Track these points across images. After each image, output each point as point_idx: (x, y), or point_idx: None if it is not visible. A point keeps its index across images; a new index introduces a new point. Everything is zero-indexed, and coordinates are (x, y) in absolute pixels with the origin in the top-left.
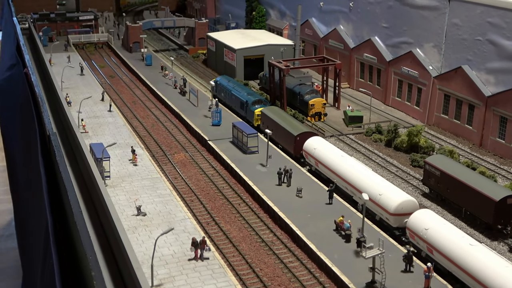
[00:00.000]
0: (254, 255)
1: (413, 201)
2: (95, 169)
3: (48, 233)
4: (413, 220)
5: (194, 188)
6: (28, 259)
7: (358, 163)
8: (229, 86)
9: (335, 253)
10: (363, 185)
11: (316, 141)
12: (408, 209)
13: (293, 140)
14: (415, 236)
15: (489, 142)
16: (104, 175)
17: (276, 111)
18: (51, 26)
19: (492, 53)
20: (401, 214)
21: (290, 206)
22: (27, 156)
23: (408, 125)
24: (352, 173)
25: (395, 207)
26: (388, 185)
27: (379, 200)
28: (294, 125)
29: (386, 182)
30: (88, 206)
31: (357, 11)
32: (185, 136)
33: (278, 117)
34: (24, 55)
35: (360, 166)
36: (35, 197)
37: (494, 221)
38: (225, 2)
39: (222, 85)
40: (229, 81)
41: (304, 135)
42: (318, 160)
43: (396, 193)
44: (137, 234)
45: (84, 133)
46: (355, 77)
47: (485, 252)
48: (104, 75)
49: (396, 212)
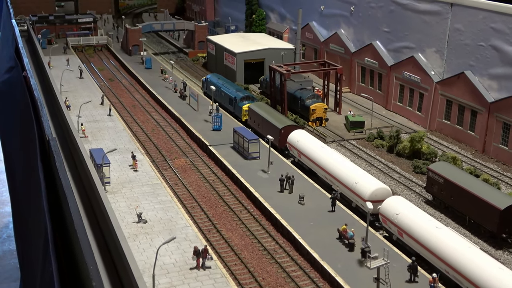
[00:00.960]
0: (256, 263)
1: (386, 188)
2: (95, 176)
3: (47, 240)
4: (385, 206)
5: (195, 195)
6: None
7: (337, 154)
8: (219, 83)
9: (338, 262)
10: (340, 174)
11: (299, 134)
12: (382, 196)
13: (278, 133)
14: (387, 221)
15: (492, 148)
16: (104, 181)
17: (263, 106)
18: (50, 28)
19: (495, 59)
20: (375, 200)
21: (292, 214)
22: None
23: (410, 130)
24: (330, 163)
25: (369, 194)
26: (363, 173)
27: (355, 188)
28: (279, 119)
29: (361, 170)
30: (88, 213)
31: (358, 15)
32: (186, 141)
33: (264, 112)
34: (22, 58)
35: (338, 156)
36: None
37: (499, 229)
38: (224, 5)
39: (212, 82)
40: (218, 79)
41: (288, 128)
42: (300, 151)
43: (370, 181)
44: (138, 242)
45: (84, 138)
46: (356, 81)
47: (450, 234)
48: (104, 78)
49: (370, 199)
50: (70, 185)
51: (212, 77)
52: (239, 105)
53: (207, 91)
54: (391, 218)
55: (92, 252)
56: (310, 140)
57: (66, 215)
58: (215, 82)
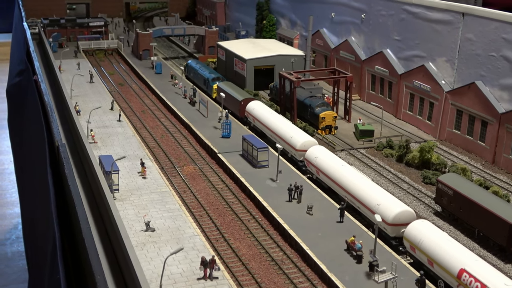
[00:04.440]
0: (264, 274)
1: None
2: (104, 184)
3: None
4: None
5: (203, 203)
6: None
7: (279, 116)
8: (196, 67)
9: (346, 274)
10: (281, 132)
11: (254, 104)
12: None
13: (238, 104)
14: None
15: (502, 159)
16: (113, 188)
17: (228, 84)
18: (61, 32)
19: (506, 70)
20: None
21: (300, 224)
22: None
23: (419, 139)
24: (276, 124)
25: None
26: (296, 130)
27: (290, 141)
28: (241, 92)
29: (296, 129)
30: (96, 221)
31: (368, 23)
32: (195, 148)
33: (229, 88)
34: (33, 61)
35: (279, 118)
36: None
37: (508, 243)
38: (235, 10)
39: (191, 67)
40: (197, 64)
41: (246, 100)
42: (255, 117)
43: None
44: (145, 251)
45: (93, 144)
46: (366, 89)
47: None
48: (114, 82)
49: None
50: (79, 193)
51: (191, 62)
52: (210, 84)
53: (187, 74)
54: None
55: (99, 262)
56: (263, 108)
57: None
58: (194, 66)
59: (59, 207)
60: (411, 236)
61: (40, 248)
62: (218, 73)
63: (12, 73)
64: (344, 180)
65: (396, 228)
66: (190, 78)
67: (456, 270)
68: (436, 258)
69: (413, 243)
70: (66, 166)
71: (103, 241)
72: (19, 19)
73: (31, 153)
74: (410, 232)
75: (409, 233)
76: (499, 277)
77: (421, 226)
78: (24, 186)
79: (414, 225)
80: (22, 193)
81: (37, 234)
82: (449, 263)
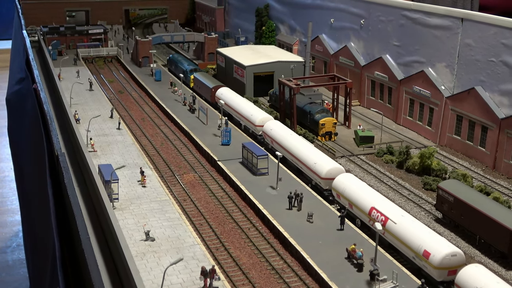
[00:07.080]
0: (264, 283)
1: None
2: (104, 193)
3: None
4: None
5: (203, 211)
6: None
7: (241, 99)
8: (177, 60)
9: (347, 283)
10: (242, 111)
11: (223, 90)
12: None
13: (210, 91)
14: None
15: (503, 165)
16: (113, 197)
17: (203, 74)
18: (60, 39)
19: (506, 75)
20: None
21: (301, 232)
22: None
23: (419, 145)
24: (240, 104)
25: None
26: (255, 109)
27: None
28: (212, 80)
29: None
30: (96, 231)
31: (368, 29)
32: (194, 156)
33: (204, 77)
34: (33, 70)
35: (242, 100)
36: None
37: (510, 250)
38: (234, 16)
39: (173, 60)
40: (178, 57)
41: (217, 87)
42: (226, 102)
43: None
44: (145, 261)
45: (93, 152)
46: (366, 95)
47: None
48: (113, 90)
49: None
50: (78, 203)
51: (173, 56)
52: (188, 75)
53: (170, 67)
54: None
55: (99, 273)
56: (230, 93)
57: (74, 234)
58: (175, 59)
59: (59, 217)
60: (336, 186)
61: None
62: (197, 66)
63: (11, 81)
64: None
65: (328, 181)
66: (172, 70)
67: (368, 208)
68: (354, 201)
69: (338, 191)
70: (65, 175)
71: (102, 251)
72: (18, 27)
73: (30, 163)
74: (336, 183)
75: (335, 184)
76: (398, 210)
77: (344, 179)
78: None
79: (339, 178)
80: (22, 203)
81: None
82: (363, 204)
